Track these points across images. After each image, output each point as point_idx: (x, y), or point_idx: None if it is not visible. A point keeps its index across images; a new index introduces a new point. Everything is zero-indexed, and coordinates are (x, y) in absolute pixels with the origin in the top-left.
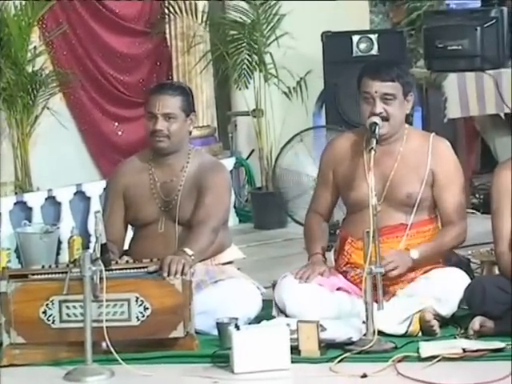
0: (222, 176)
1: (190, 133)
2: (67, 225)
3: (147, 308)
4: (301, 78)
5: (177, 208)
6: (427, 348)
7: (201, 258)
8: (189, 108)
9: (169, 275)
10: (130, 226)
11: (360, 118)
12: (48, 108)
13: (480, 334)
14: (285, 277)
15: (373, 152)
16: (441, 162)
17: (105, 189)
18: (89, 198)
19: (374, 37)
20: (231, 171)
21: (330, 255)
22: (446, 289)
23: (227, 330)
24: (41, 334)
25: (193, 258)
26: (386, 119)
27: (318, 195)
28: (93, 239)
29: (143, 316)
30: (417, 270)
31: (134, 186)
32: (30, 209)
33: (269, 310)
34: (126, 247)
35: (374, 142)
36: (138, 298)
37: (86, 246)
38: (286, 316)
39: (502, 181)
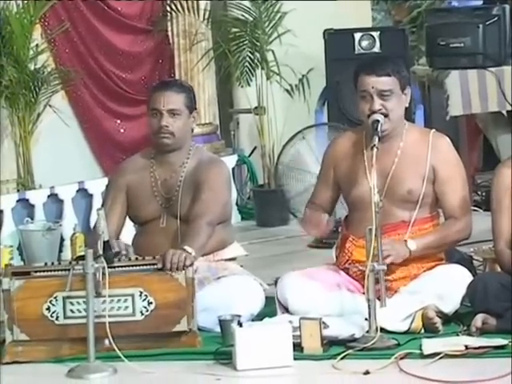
0: (218, 171)
1: (192, 130)
2: (69, 222)
3: (151, 302)
4: (303, 76)
5: (177, 205)
6: (429, 345)
7: (201, 253)
8: (192, 105)
9: (171, 269)
10: (132, 224)
11: (360, 116)
12: (50, 106)
13: (482, 331)
14: (287, 274)
15: (375, 149)
16: (441, 158)
17: (107, 186)
18: (91, 196)
19: (376, 34)
20: (233, 169)
21: (332, 252)
22: (448, 286)
23: (230, 327)
24: (44, 331)
25: (194, 255)
26: (385, 115)
27: (318, 191)
28: None
29: (147, 311)
30: (419, 267)
31: (135, 185)
32: (33, 206)
33: (271, 307)
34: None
35: (377, 139)
36: (141, 293)
37: None
38: (289, 313)
39: (503, 179)
